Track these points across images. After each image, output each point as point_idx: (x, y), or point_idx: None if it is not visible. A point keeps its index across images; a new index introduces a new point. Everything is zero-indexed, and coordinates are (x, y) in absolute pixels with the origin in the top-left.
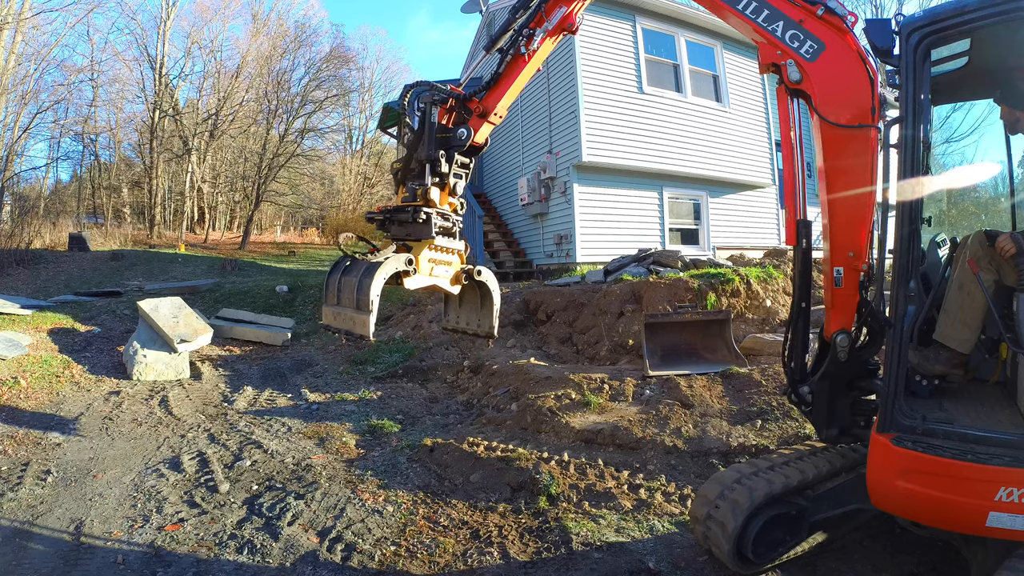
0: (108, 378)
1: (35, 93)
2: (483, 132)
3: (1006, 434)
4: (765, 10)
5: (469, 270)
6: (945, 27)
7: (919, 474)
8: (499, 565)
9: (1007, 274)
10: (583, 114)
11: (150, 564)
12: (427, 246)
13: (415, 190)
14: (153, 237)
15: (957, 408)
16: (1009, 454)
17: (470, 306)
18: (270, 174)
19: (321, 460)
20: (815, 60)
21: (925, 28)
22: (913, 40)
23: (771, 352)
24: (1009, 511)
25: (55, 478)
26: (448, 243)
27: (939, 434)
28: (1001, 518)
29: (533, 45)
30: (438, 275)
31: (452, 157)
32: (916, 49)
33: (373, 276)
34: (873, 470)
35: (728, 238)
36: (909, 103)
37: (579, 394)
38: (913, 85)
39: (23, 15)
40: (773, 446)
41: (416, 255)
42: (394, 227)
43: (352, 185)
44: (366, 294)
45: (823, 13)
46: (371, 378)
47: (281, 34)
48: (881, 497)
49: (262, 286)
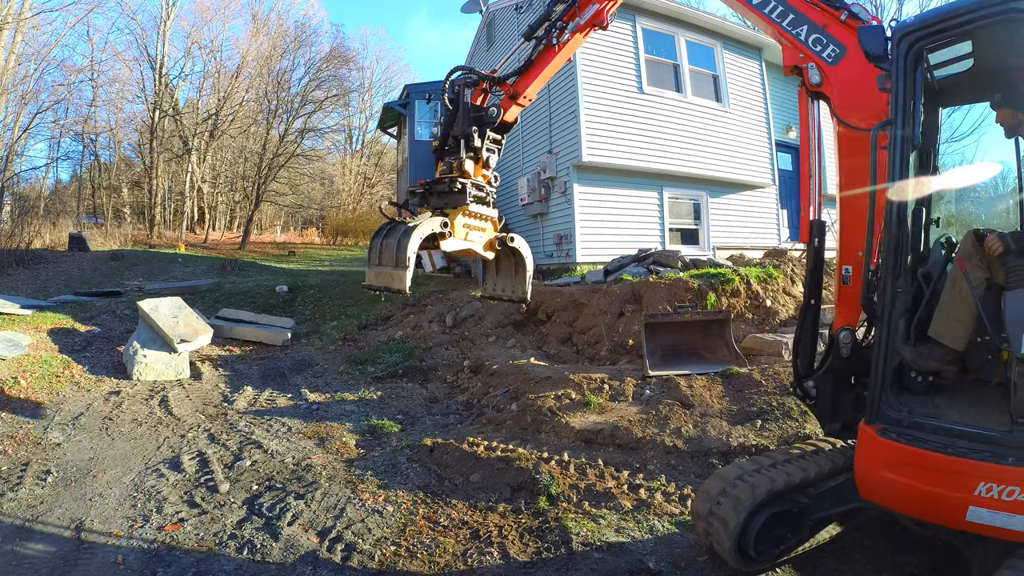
0: (108, 378)
1: (35, 93)
2: (512, 112)
3: (988, 430)
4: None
5: (503, 237)
6: (935, 31)
7: (903, 465)
8: (499, 565)
9: (997, 272)
10: (583, 114)
11: (150, 564)
12: (462, 212)
13: (451, 163)
14: (153, 237)
15: (950, 405)
16: (990, 450)
17: (505, 273)
18: (270, 174)
19: (321, 460)
20: (836, 64)
21: (916, 33)
22: (904, 45)
23: (771, 352)
24: (988, 506)
25: (55, 478)
26: (482, 210)
27: (924, 427)
28: (981, 513)
29: (564, 37)
30: (473, 240)
31: (484, 133)
32: (907, 54)
33: (410, 235)
34: (860, 460)
35: (728, 238)
36: (900, 107)
37: (579, 394)
38: (904, 89)
39: (23, 15)
40: (773, 446)
41: (451, 220)
42: (433, 198)
43: (352, 185)
44: (403, 251)
45: (847, 18)
46: (371, 378)
47: (281, 34)
48: (868, 487)
49: (262, 286)
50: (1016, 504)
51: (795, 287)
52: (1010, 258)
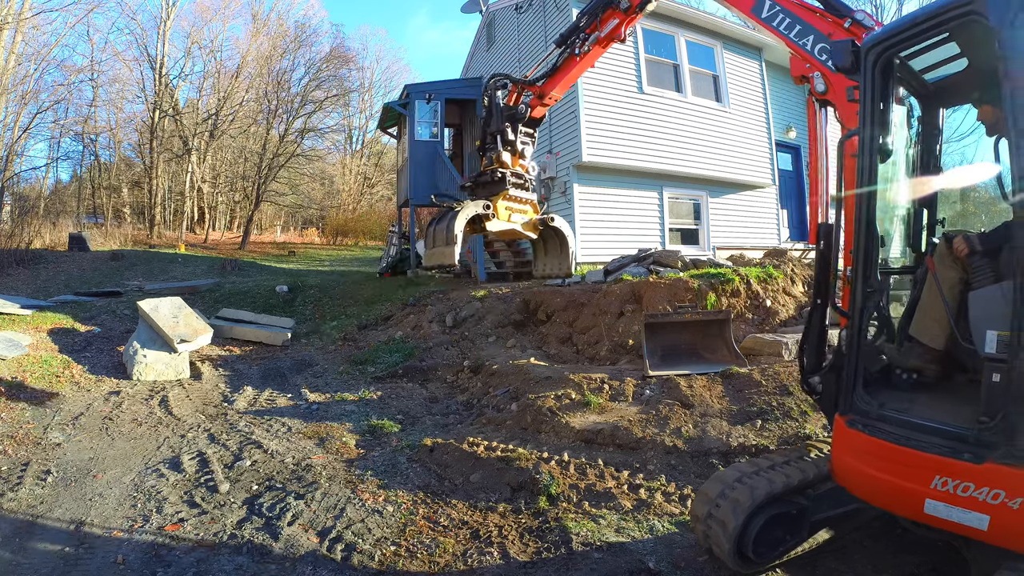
0: (108, 378)
1: (35, 93)
2: (540, 110)
3: (951, 426)
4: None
5: (544, 218)
6: (897, 42)
7: (866, 455)
8: (499, 565)
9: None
10: (583, 114)
11: (150, 564)
12: (503, 197)
13: (491, 156)
14: (153, 237)
15: (929, 401)
16: (949, 446)
17: (552, 253)
18: (270, 174)
19: (321, 460)
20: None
21: (879, 46)
22: (871, 57)
23: (771, 352)
24: (943, 500)
25: (55, 478)
26: (521, 195)
27: (890, 420)
28: (936, 506)
29: (584, 48)
30: (515, 221)
31: (516, 128)
32: (875, 66)
33: (456, 217)
34: (833, 449)
35: (728, 238)
36: (867, 116)
37: (579, 394)
38: (872, 99)
39: (23, 15)
40: (773, 446)
41: (495, 204)
42: (479, 189)
43: (352, 185)
44: (451, 231)
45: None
46: (371, 378)
47: (281, 34)
48: (839, 475)
49: (262, 286)
50: (970, 500)
51: (795, 287)
52: (975, 258)
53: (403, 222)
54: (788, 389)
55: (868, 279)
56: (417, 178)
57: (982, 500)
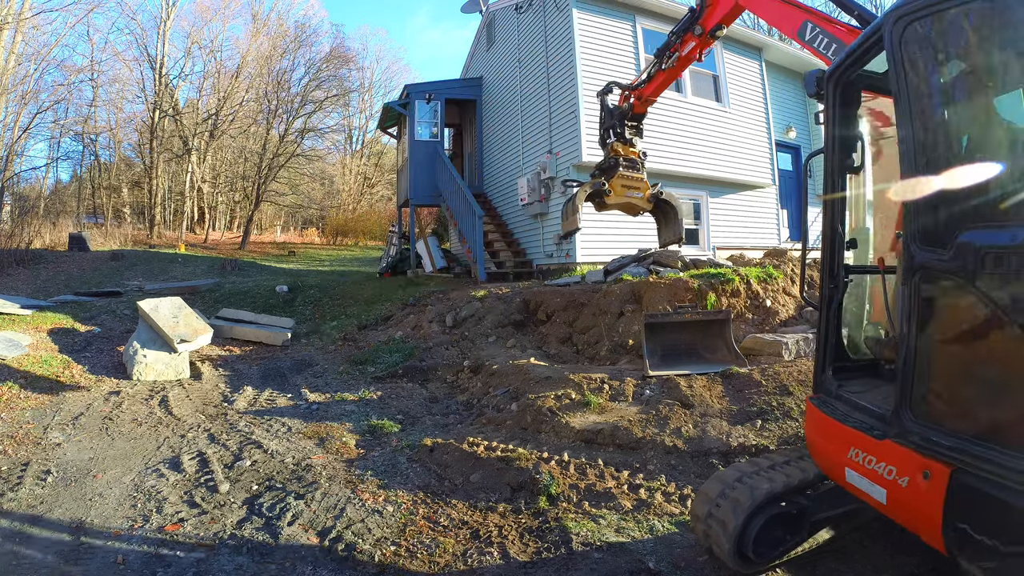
0: (108, 378)
1: (35, 93)
2: (640, 107)
3: (877, 407)
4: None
5: (656, 193)
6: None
7: (820, 429)
8: (499, 565)
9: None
10: (583, 114)
11: (150, 564)
12: (618, 177)
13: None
14: (153, 237)
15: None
16: (867, 422)
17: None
18: (270, 174)
19: (321, 460)
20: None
21: (836, 73)
22: (830, 85)
23: (771, 352)
24: (857, 471)
25: (55, 478)
26: (633, 174)
27: (841, 399)
28: (852, 475)
29: (669, 63)
30: (631, 197)
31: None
32: (834, 91)
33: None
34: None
35: (728, 238)
36: (831, 136)
37: (579, 394)
38: (834, 121)
39: (23, 15)
40: (773, 446)
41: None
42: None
43: (352, 185)
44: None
45: None
46: (371, 378)
47: (281, 34)
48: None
49: (262, 286)
50: (873, 473)
51: (795, 287)
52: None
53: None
54: (788, 389)
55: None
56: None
57: (880, 474)
